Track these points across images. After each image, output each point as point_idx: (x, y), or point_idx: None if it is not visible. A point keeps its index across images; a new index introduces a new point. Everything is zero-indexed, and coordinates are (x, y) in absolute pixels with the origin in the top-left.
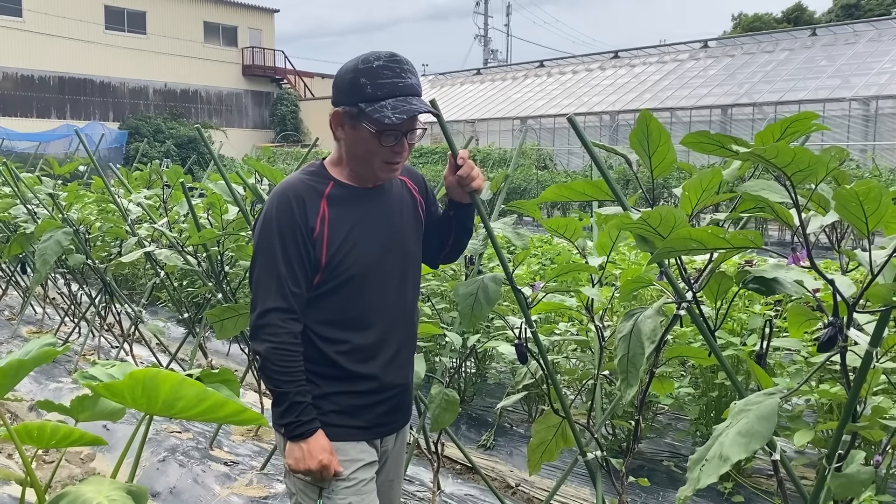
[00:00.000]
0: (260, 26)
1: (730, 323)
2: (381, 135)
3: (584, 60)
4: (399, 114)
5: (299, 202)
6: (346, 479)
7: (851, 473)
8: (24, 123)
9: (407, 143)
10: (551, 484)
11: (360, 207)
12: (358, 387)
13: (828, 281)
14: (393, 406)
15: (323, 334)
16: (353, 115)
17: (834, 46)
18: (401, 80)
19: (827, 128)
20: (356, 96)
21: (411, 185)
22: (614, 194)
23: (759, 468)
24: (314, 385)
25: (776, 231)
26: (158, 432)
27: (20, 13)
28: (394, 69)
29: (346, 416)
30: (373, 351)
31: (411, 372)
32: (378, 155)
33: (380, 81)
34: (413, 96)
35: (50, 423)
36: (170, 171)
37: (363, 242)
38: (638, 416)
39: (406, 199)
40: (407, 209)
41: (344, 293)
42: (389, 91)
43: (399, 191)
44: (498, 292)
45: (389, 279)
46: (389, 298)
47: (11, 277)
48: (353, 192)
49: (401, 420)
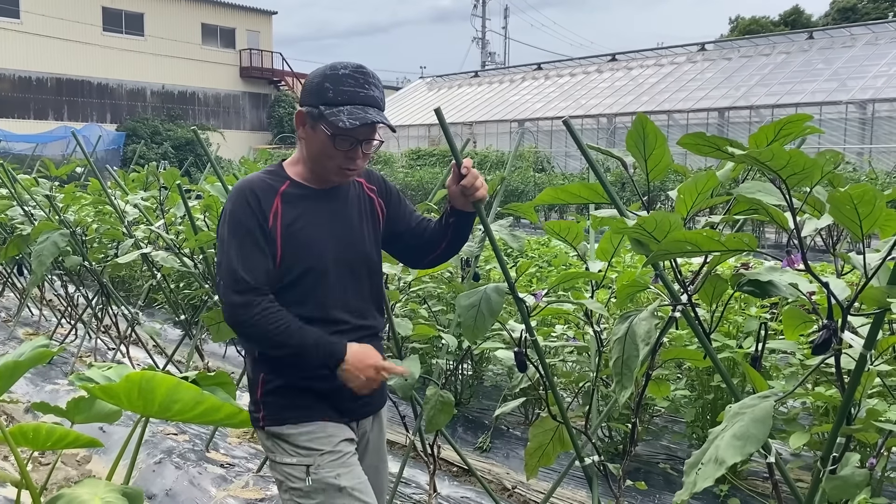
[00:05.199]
0: (258, 28)
1: (725, 325)
2: (336, 138)
3: (582, 63)
4: (353, 120)
5: (254, 197)
6: (331, 451)
7: (846, 476)
8: (21, 125)
9: (362, 152)
10: (547, 486)
11: (313, 207)
12: (318, 371)
13: (822, 284)
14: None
15: None
16: (313, 116)
17: (831, 50)
18: (362, 91)
19: (821, 130)
20: (318, 99)
21: (368, 186)
22: (610, 197)
23: (755, 471)
24: (280, 377)
25: (773, 234)
26: (154, 434)
27: (18, 15)
28: (357, 79)
29: (321, 399)
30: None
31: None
32: (333, 159)
33: (342, 88)
34: (371, 107)
35: (46, 425)
36: (167, 172)
37: (315, 240)
38: (635, 419)
39: (363, 199)
40: (364, 210)
41: (298, 288)
42: (349, 98)
43: (356, 192)
44: (500, 303)
45: (344, 277)
46: (346, 295)
47: (8, 279)
48: (307, 192)
49: (374, 404)
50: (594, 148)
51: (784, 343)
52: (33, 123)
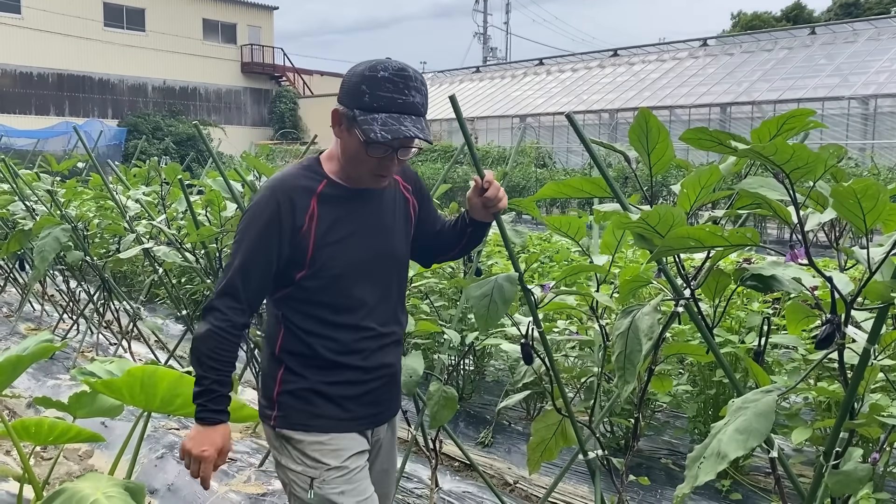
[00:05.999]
0: (259, 23)
1: (728, 320)
2: (369, 146)
3: (584, 58)
4: (386, 132)
5: (287, 200)
6: (338, 466)
7: (849, 471)
8: (22, 120)
9: (397, 159)
10: (549, 481)
11: (350, 208)
12: (342, 377)
13: (826, 278)
14: (379, 397)
15: (308, 329)
16: (348, 119)
17: (833, 45)
18: (400, 97)
19: (824, 125)
20: (355, 101)
21: (404, 185)
22: (613, 192)
23: (757, 466)
24: (303, 378)
25: (775, 229)
26: (157, 429)
27: (19, 10)
28: (397, 84)
29: (336, 407)
30: (360, 346)
31: (396, 365)
32: (365, 164)
33: (379, 93)
34: (410, 115)
35: (48, 420)
36: (168, 168)
37: (351, 243)
38: (638, 414)
39: (398, 199)
40: (399, 210)
41: (328, 291)
42: (386, 105)
43: (392, 192)
44: (513, 292)
45: (375, 280)
46: (374, 298)
47: (10, 274)
48: (344, 192)
49: (390, 411)
50: (597, 143)
51: (787, 338)
52: (35, 119)
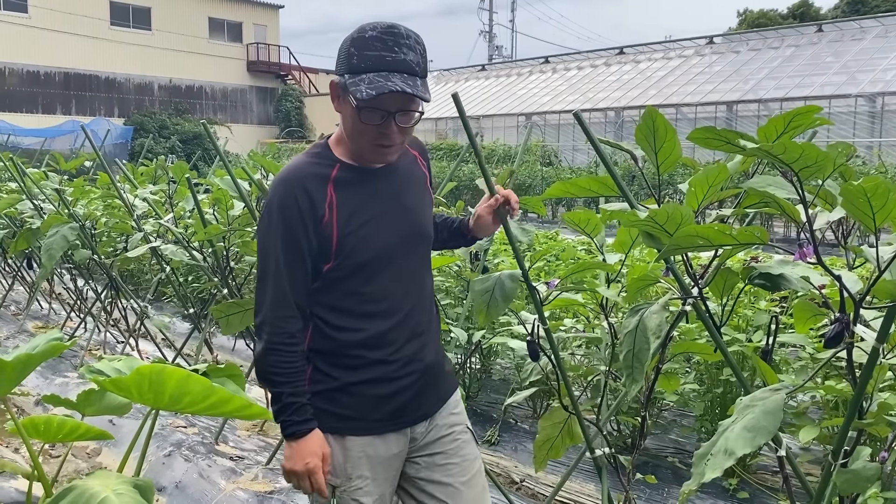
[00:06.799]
0: (265, 22)
1: (735, 319)
2: (361, 112)
3: (590, 57)
4: (371, 89)
5: (303, 193)
6: (361, 476)
7: (857, 470)
8: (29, 119)
9: (396, 125)
10: (556, 479)
11: (368, 189)
12: (371, 374)
13: (834, 277)
14: (416, 393)
15: (336, 323)
16: (341, 87)
17: (840, 43)
18: (389, 54)
19: (831, 122)
20: (344, 66)
21: (421, 159)
22: (620, 191)
23: (765, 465)
24: (331, 378)
25: (782, 227)
26: (164, 427)
27: (26, 9)
28: (385, 41)
29: (365, 408)
30: (389, 337)
31: (435, 354)
32: (365, 135)
33: (367, 52)
34: (401, 73)
35: (56, 418)
36: (175, 166)
37: (375, 226)
38: (645, 413)
39: (417, 174)
40: (417, 185)
41: (356, 279)
42: (373, 64)
43: (408, 166)
44: (514, 290)
45: (403, 262)
46: (404, 281)
47: (18, 273)
48: (359, 174)
49: (429, 406)
50: (604, 141)
51: (794, 337)
52: (41, 118)
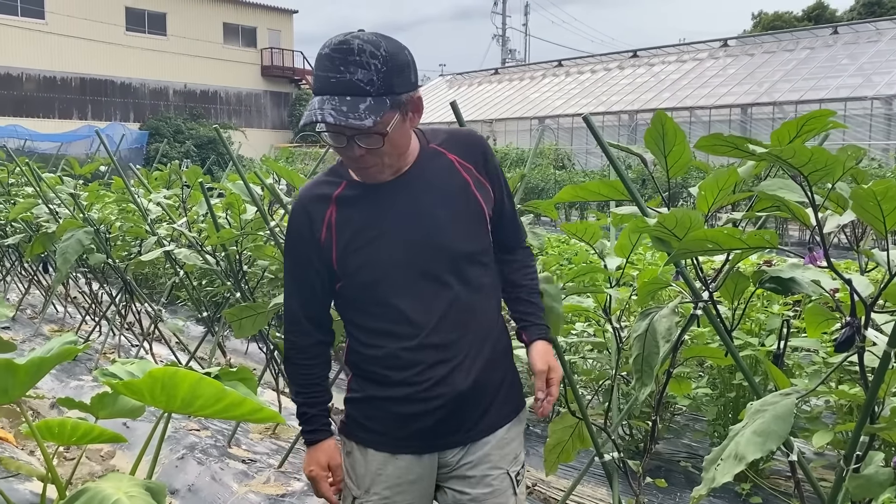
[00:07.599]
0: (279, 27)
1: (747, 323)
2: (321, 134)
3: (603, 60)
4: (307, 116)
5: (304, 213)
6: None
7: (870, 475)
8: (46, 124)
9: (358, 146)
10: (567, 484)
11: (374, 205)
12: (398, 392)
13: (845, 281)
14: (440, 419)
15: (359, 338)
16: None
17: (856, 45)
18: (335, 76)
19: (845, 126)
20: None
21: (462, 163)
22: (631, 195)
23: (778, 469)
24: (361, 390)
25: (797, 231)
26: (177, 430)
27: (43, 15)
28: (333, 60)
29: (390, 425)
30: (409, 358)
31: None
32: (341, 155)
33: (317, 73)
34: (343, 96)
35: (71, 420)
36: (189, 171)
37: (381, 243)
38: (655, 417)
39: (448, 181)
40: (447, 194)
41: (366, 298)
42: (319, 86)
43: (437, 173)
44: None
45: (422, 279)
46: (425, 300)
47: (34, 276)
48: (365, 190)
49: (457, 439)
50: (614, 146)
51: (807, 341)
52: (58, 123)
